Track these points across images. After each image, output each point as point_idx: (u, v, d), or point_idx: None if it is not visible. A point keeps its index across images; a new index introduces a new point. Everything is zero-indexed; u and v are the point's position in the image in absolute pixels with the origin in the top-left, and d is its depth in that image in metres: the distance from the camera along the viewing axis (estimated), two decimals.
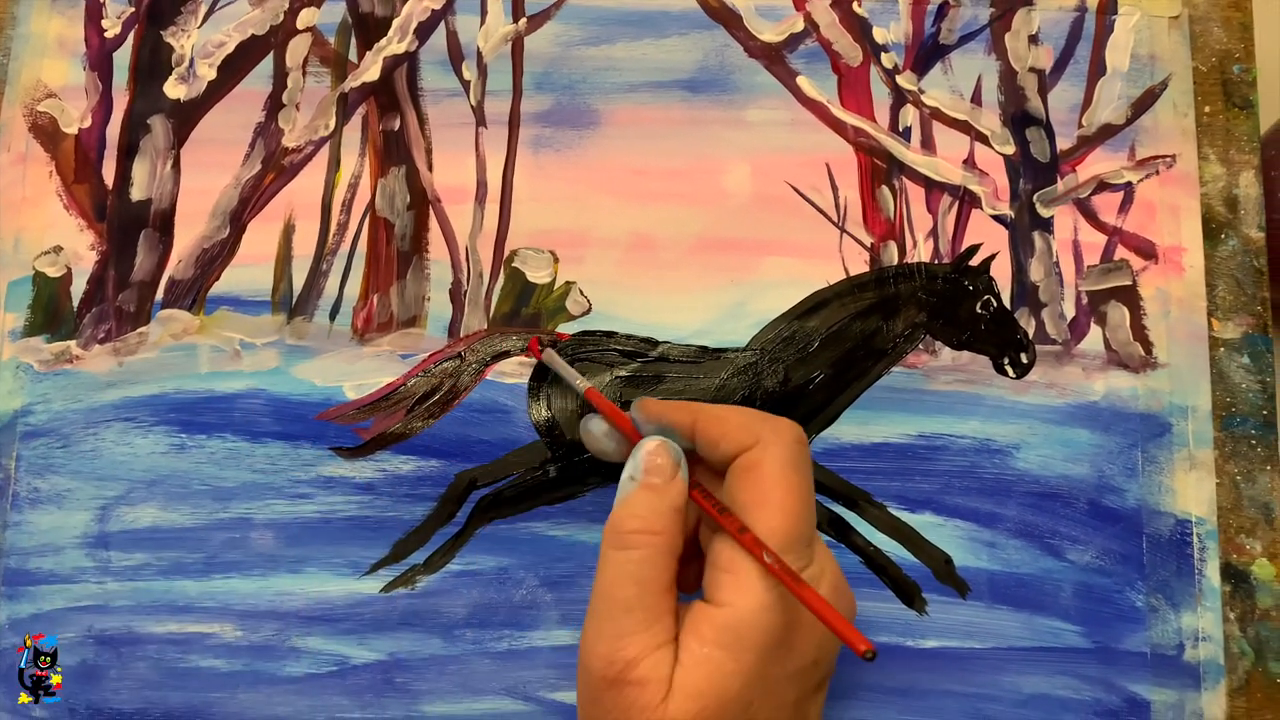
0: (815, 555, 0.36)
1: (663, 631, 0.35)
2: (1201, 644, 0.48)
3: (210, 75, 0.52)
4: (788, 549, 0.35)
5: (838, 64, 0.53)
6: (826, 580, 0.36)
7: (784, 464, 0.36)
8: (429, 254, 0.51)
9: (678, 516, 0.37)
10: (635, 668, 0.34)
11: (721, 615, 0.35)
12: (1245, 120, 0.53)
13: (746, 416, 0.38)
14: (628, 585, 0.36)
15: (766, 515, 0.35)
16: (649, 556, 0.36)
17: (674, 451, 0.39)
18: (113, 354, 0.50)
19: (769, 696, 0.35)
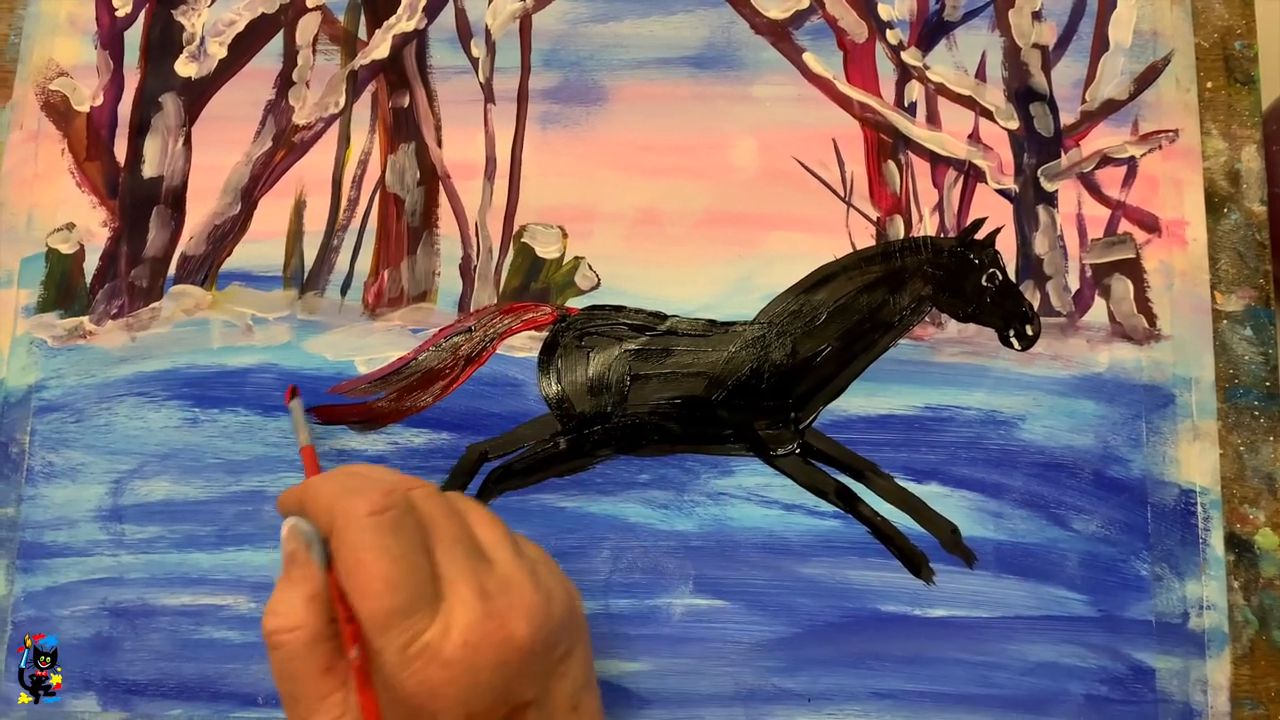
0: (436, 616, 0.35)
1: (333, 709, 0.35)
2: (1206, 612, 0.48)
3: (221, 53, 0.53)
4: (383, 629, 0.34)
5: (843, 40, 0.53)
6: (452, 638, 0.34)
7: (355, 546, 0.35)
8: (439, 229, 0.51)
9: (313, 605, 0.36)
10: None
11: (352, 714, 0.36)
12: (1247, 95, 0.53)
13: (329, 495, 0.37)
14: (285, 682, 0.36)
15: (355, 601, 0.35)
16: (294, 652, 0.36)
17: (304, 534, 0.37)
18: (125, 329, 0.50)
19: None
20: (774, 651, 0.48)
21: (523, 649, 0.35)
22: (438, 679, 0.34)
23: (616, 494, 0.49)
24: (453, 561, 0.36)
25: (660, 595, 0.48)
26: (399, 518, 0.36)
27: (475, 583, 0.36)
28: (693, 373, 0.49)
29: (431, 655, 0.34)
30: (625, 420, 0.49)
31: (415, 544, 0.36)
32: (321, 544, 0.37)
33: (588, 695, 0.39)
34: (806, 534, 0.48)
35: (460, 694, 0.34)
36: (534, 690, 0.37)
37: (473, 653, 0.35)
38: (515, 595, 0.36)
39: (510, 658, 0.35)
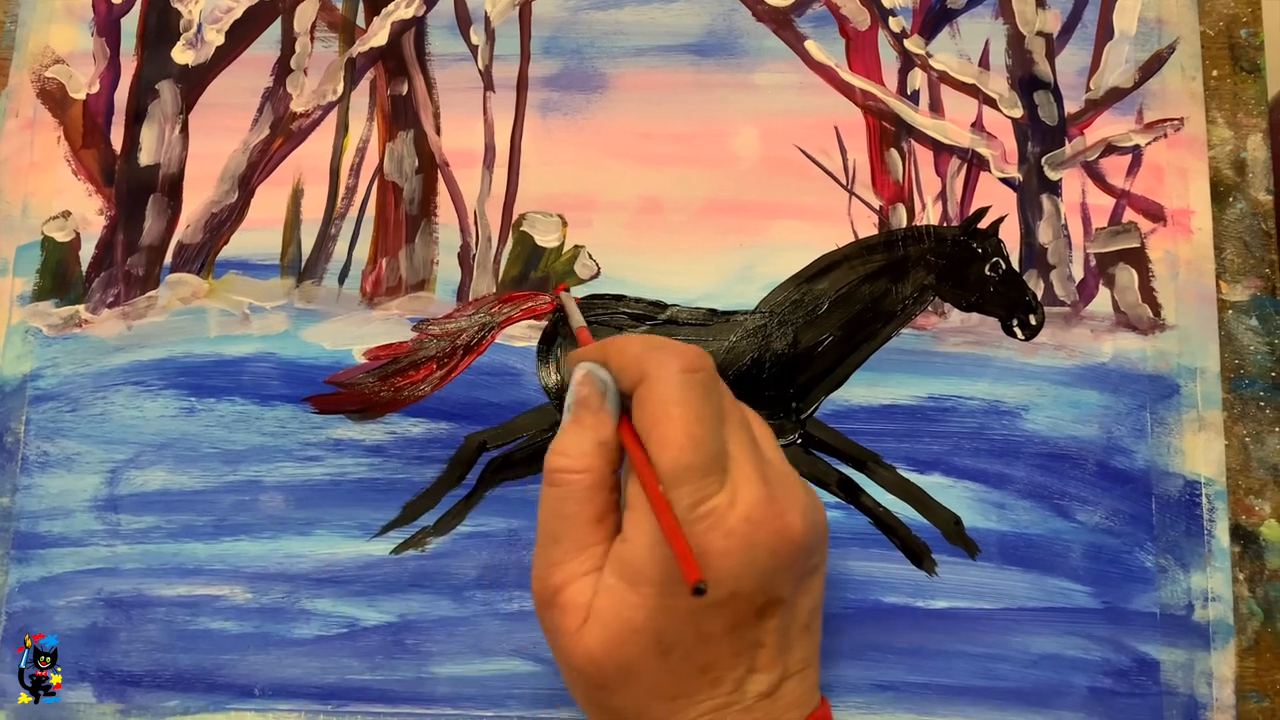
0: (725, 484, 0.35)
1: (588, 561, 0.36)
2: (1211, 604, 0.48)
3: (218, 40, 0.52)
4: (677, 482, 0.34)
5: (845, 28, 0.53)
6: (737, 510, 0.35)
7: (664, 399, 0.35)
8: (437, 218, 0.51)
9: (602, 450, 0.37)
10: (561, 593, 0.36)
11: (623, 550, 0.35)
12: (1253, 84, 0.53)
13: (639, 348, 0.37)
14: (554, 520, 0.37)
15: (654, 451, 0.35)
16: (572, 492, 0.36)
17: (599, 382, 0.38)
18: (121, 318, 0.50)
19: (684, 626, 0.35)
20: None
21: (795, 542, 0.36)
22: (717, 546, 0.34)
23: None
24: (739, 442, 0.36)
25: None
26: (709, 381, 0.36)
27: (759, 467, 0.36)
28: None
29: (716, 520, 0.34)
30: None
31: (717, 410, 0.36)
32: (616, 395, 0.37)
33: (817, 619, 0.39)
34: None
35: (733, 567, 0.34)
36: (788, 590, 0.36)
37: (754, 529, 0.35)
38: (791, 491, 0.37)
39: (783, 547, 0.35)
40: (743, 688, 0.36)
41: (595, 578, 0.36)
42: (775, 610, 0.36)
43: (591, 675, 0.36)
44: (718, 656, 0.35)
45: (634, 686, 0.35)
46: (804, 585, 0.38)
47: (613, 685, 0.36)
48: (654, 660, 0.35)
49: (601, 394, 0.38)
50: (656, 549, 0.34)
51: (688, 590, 0.33)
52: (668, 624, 0.35)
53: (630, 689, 0.35)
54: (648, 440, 0.35)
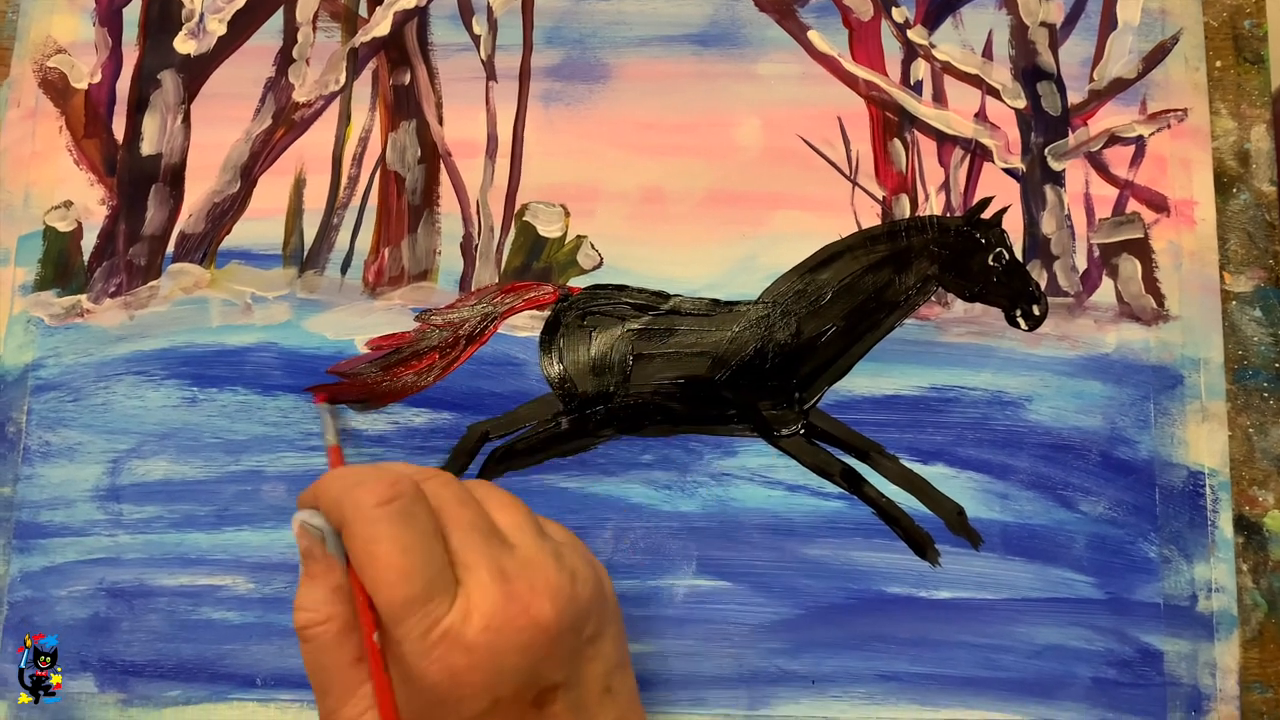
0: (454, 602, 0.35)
1: (361, 702, 0.36)
2: (1215, 595, 0.48)
3: (220, 30, 0.52)
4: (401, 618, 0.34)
5: (849, 18, 0.52)
6: (473, 623, 0.34)
7: (366, 540, 0.35)
8: (440, 208, 0.51)
9: (338, 596, 0.37)
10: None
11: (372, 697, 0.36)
12: (1257, 75, 0.52)
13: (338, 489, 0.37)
14: (317, 674, 0.37)
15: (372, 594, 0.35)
16: (322, 645, 0.37)
17: (315, 530, 0.37)
18: (123, 308, 0.50)
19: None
20: (778, 633, 0.47)
21: (548, 630, 0.35)
22: (460, 665, 0.34)
23: (619, 474, 0.48)
24: (469, 547, 0.36)
25: (663, 576, 0.48)
26: (408, 506, 0.36)
27: (494, 566, 0.36)
28: (696, 352, 0.49)
29: (453, 641, 0.34)
30: (628, 400, 0.49)
31: (427, 531, 0.36)
32: (336, 536, 0.37)
33: (621, 676, 0.38)
34: (811, 515, 0.48)
35: (484, 679, 0.34)
36: (562, 673, 0.36)
37: (495, 636, 0.34)
38: (537, 576, 0.36)
39: (535, 640, 0.35)
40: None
41: (374, 714, 0.36)
42: (554, 695, 0.36)
43: None
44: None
45: None
46: (583, 656, 0.37)
47: None
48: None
49: (321, 541, 0.37)
50: (403, 687, 0.35)
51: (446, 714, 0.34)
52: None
53: None
54: (365, 582, 0.35)
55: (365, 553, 0.35)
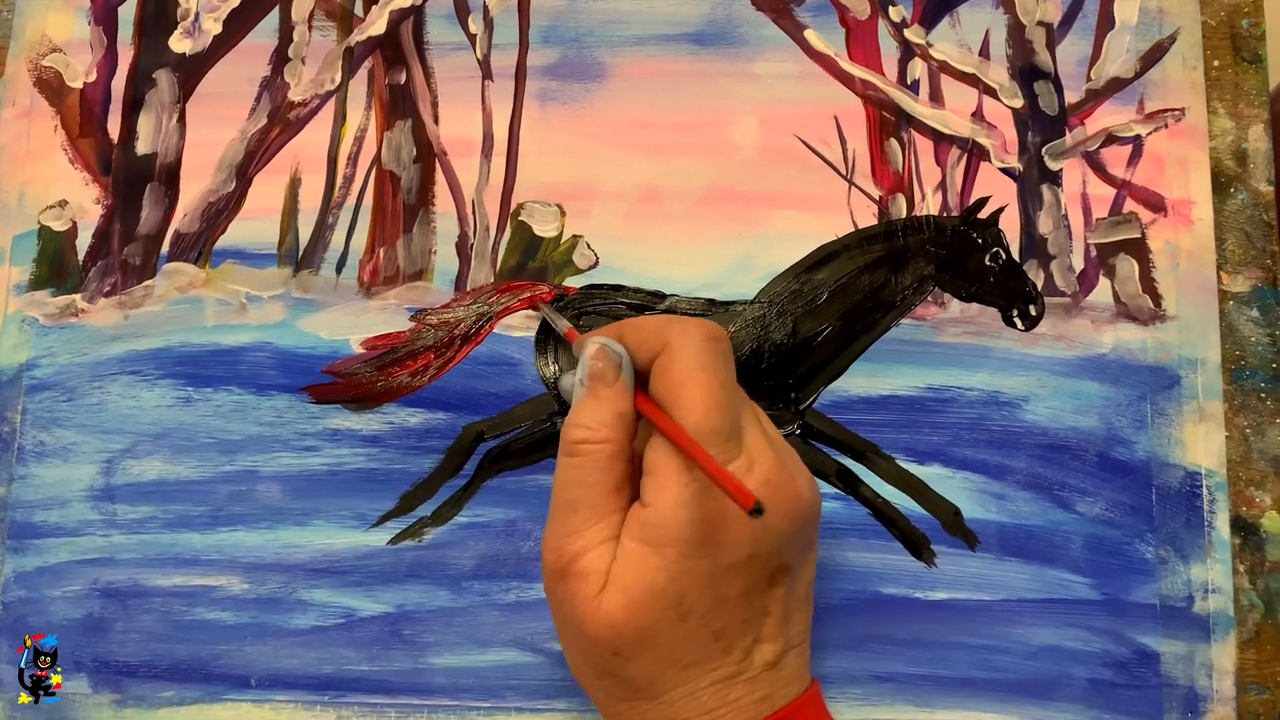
0: (742, 450, 0.36)
1: (606, 529, 0.36)
2: (1211, 596, 0.48)
3: (215, 29, 0.52)
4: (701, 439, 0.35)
5: (845, 17, 0.52)
6: (755, 474, 0.36)
7: (690, 365, 0.36)
8: (435, 207, 0.51)
9: (620, 421, 0.37)
10: (578, 560, 0.36)
11: (645, 514, 0.36)
12: (1255, 75, 0.52)
13: (659, 322, 0.39)
14: (573, 489, 0.37)
15: (679, 415, 0.36)
16: (592, 462, 0.37)
17: (614, 355, 0.38)
18: (118, 307, 0.50)
19: (704, 590, 0.36)
20: None
21: (806, 508, 0.37)
22: (732, 511, 0.35)
23: None
24: (748, 416, 0.38)
25: None
26: (728, 351, 0.38)
27: (768, 438, 0.37)
28: None
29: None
30: None
31: (734, 382, 0.38)
32: (631, 368, 0.38)
33: (811, 595, 0.40)
34: None
35: (750, 531, 0.35)
36: (796, 558, 0.38)
37: (770, 493, 0.36)
38: (797, 462, 0.38)
39: (796, 513, 0.37)
40: (750, 656, 0.37)
41: (611, 546, 0.36)
42: (783, 578, 0.37)
43: (609, 641, 0.36)
44: (731, 622, 0.36)
45: (650, 652, 0.36)
46: (805, 557, 0.39)
47: (629, 651, 0.36)
48: (672, 624, 0.35)
49: (617, 366, 0.38)
50: (680, 510, 0.35)
51: (715, 552, 0.35)
52: (688, 586, 0.35)
53: (646, 655, 0.36)
54: (671, 406, 0.36)
55: (687, 377, 0.36)
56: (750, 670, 0.37)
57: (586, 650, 0.37)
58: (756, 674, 0.37)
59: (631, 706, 0.37)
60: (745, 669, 0.37)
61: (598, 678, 0.38)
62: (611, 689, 0.37)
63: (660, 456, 0.36)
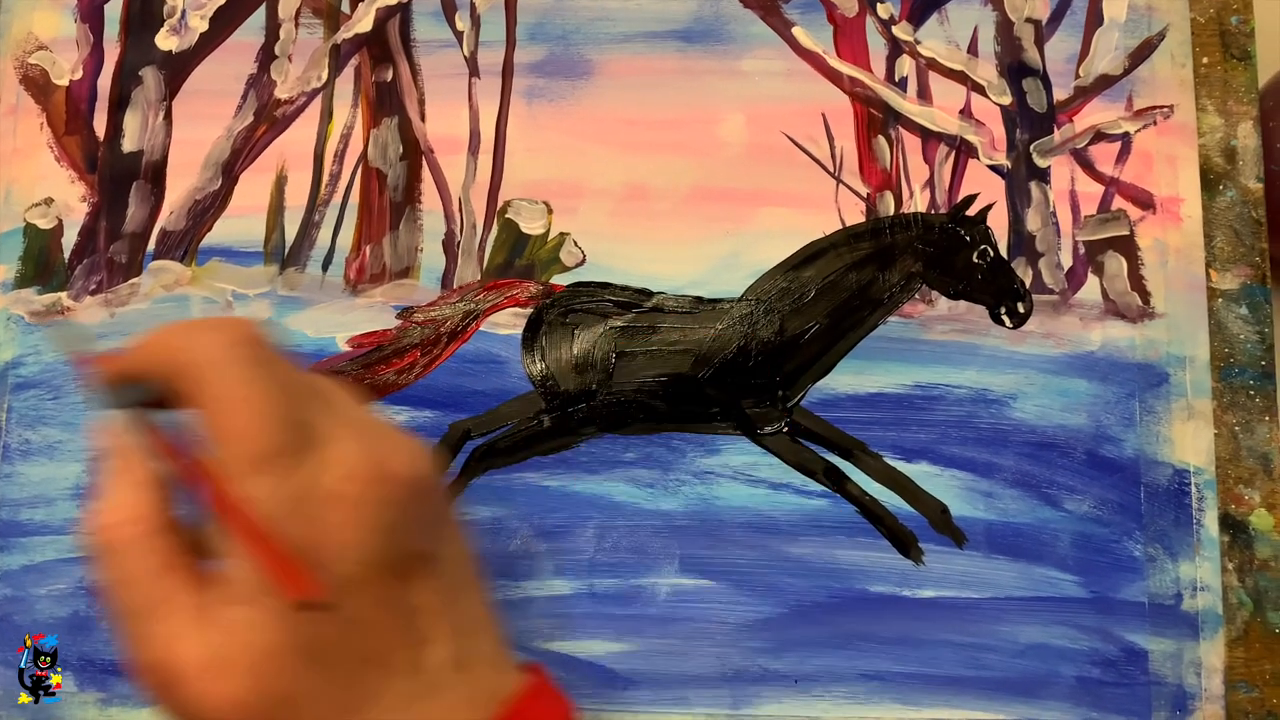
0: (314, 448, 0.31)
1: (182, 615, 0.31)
2: (1200, 594, 0.47)
3: (202, 27, 0.52)
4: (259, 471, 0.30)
5: (833, 14, 0.52)
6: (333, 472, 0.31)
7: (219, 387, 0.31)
8: (422, 205, 0.51)
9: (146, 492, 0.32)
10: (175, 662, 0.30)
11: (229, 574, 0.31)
12: (1244, 71, 0.52)
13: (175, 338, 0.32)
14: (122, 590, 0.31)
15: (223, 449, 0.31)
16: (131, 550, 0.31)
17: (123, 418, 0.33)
18: (104, 305, 0.50)
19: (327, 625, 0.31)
20: (760, 632, 0.47)
21: (407, 484, 0.32)
22: (323, 519, 0.31)
23: (601, 473, 0.48)
24: (315, 409, 0.32)
25: (645, 575, 0.47)
26: (260, 351, 0.32)
27: (347, 423, 0.32)
28: (679, 350, 0.49)
29: (314, 493, 0.31)
30: (610, 398, 0.48)
31: (282, 382, 0.32)
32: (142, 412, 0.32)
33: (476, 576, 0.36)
34: (794, 513, 0.48)
35: (350, 534, 0.31)
36: (425, 541, 0.34)
37: (358, 486, 0.31)
38: (389, 439, 0.33)
39: (395, 494, 0.32)
40: (421, 666, 0.33)
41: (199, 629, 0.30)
42: (418, 568, 0.33)
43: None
44: (376, 640, 0.32)
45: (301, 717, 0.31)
46: (442, 536, 0.35)
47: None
48: (310, 678, 0.30)
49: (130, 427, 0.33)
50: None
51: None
52: (309, 629, 0.30)
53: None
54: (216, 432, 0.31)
55: (223, 397, 0.31)
56: (430, 676, 0.33)
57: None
58: (441, 679, 0.33)
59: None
60: (426, 681, 0.32)
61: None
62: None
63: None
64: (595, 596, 0.47)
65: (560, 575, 0.47)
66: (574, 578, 0.47)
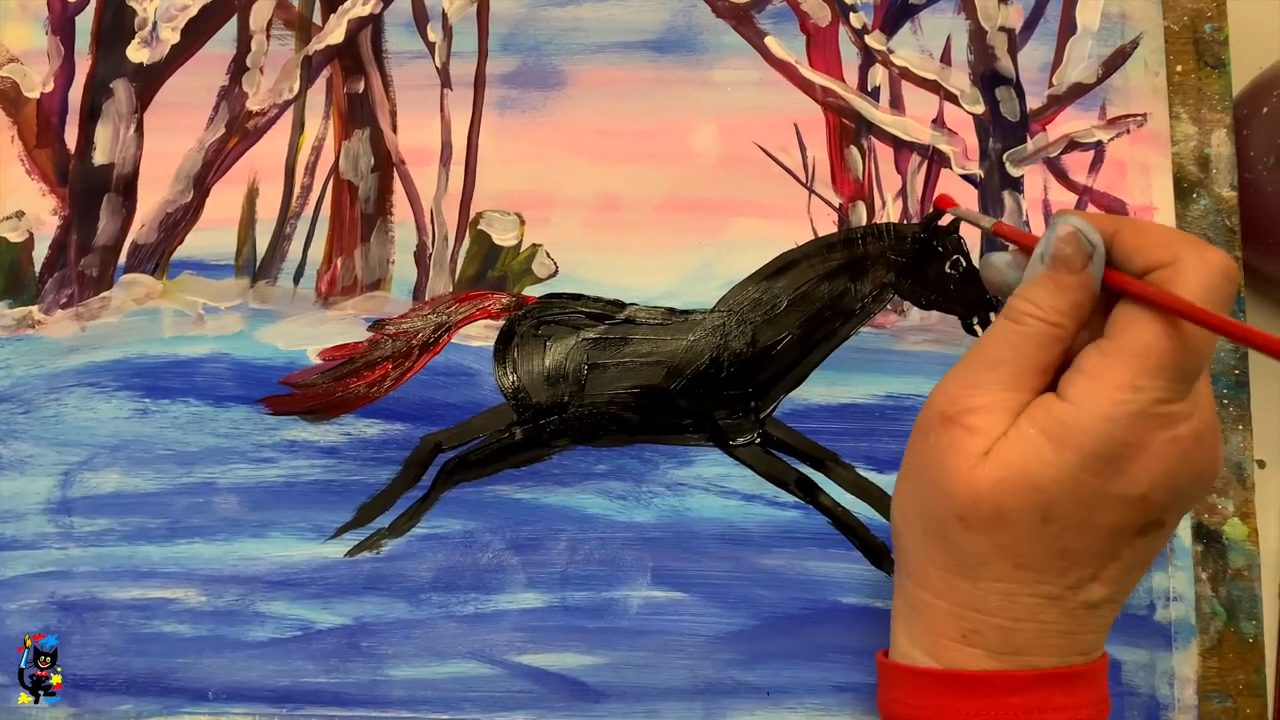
0: (1191, 396, 0.34)
1: (1014, 400, 0.35)
2: (1173, 604, 0.47)
3: (173, 39, 0.52)
4: (1158, 372, 0.33)
5: (806, 24, 0.52)
6: (1190, 424, 0.34)
7: (1195, 292, 0.33)
8: (393, 217, 0.50)
9: (1076, 312, 0.35)
10: (973, 414, 0.35)
11: (1060, 407, 0.34)
12: (1217, 79, 0.52)
13: (1170, 235, 0.36)
14: (1004, 349, 0.36)
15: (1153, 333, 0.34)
16: (1034, 334, 0.35)
17: (1086, 245, 0.35)
18: (75, 319, 0.50)
19: (1077, 506, 0.34)
20: (733, 644, 0.47)
21: (1213, 476, 0.36)
22: (1159, 449, 0.34)
23: (574, 485, 0.48)
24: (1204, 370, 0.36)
25: (618, 587, 0.47)
26: (1233, 297, 0.35)
27: (1211, 397, 0.36)
28: (651, 361, 0.49)
29: (1168, 424, 0.34)
30: (583, 410, 0.48)
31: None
32: (1103, 260, 0.35)
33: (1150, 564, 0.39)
34: (766, 525, 0.48)
35: (1158, 474, 0.34)
36: (1174, 519, 0.36)
37: (1194, 447, 0.34)
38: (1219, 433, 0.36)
39: (1206, 476, 0.36)
40: (1079, 589, 0.36)
41: (1010, 418, 0.35)
42: (1152, 531, 0.36)
43: (963, 505, 0.35)
44: (1082, 550, 0.35)
45: (995, 536, 0.35)
46: (1178, 522, 0.38)
47: (976, 525, 0.35)
48: (1029, 523, 0.34)
49: (1087, 256, 0.35)
50: (1103, 424, 0.33)
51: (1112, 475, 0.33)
52: (1066, 496, 0.34)
53: (990, 536, 0.35)
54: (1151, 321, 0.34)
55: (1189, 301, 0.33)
56: (1072, 601, 0.36)
57: (932, 504, 0.36)
58: (1075, 608, 0.36)
59: (944, 577, 0.36)
60: (1069, 598, 0.36)
61: (926, 535, 0.37)
62: (934, 552, 0.36)
63: (1103, 361, 0.34)
64: (567, 609, 0.47)
65: (532, 588, 0.47)
66: (546, 590, 0.47)
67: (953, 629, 0.36)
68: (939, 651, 0.37)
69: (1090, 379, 0.34)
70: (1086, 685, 0.36)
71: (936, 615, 0.37)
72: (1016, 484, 0.34)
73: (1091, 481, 0.34)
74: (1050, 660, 0.36)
